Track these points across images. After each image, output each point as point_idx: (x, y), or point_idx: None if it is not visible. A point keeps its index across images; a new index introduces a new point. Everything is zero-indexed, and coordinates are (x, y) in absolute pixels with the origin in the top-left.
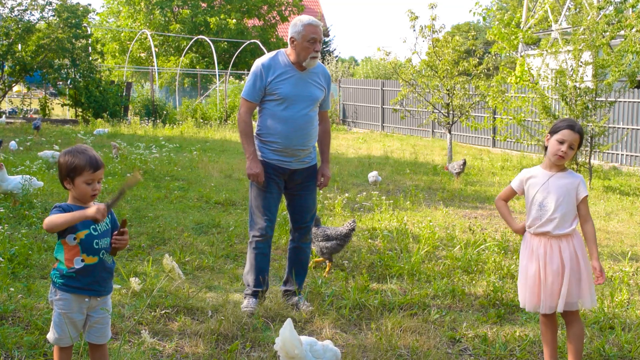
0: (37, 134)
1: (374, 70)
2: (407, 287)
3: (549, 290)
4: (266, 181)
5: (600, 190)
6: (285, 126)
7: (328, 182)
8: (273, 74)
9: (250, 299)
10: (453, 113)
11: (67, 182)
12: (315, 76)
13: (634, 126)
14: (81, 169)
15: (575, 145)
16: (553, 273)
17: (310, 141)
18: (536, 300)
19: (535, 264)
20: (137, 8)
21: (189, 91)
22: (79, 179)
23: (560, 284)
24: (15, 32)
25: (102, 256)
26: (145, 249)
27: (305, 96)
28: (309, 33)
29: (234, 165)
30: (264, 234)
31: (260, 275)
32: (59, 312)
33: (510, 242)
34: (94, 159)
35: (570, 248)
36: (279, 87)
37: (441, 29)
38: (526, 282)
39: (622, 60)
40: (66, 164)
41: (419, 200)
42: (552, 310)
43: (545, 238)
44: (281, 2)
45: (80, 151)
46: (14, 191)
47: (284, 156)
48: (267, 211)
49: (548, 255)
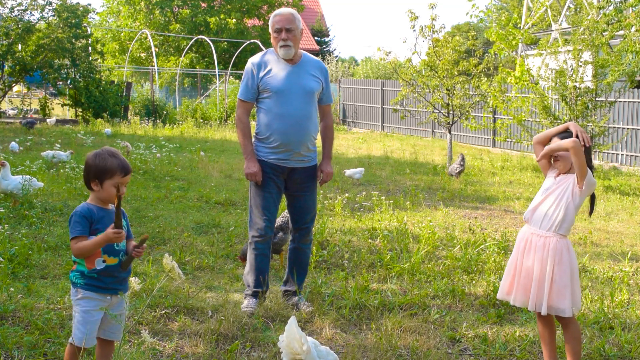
0: (31, 132)
1: (374, 70)
2: (407, 287)
3: (521, 284)
4: (265, 181)
5: (600, 190)
6: (282, 122)
7: (329, 179)
8: (264, 70)
9: (250, 299)
10: (453, 113)
11: (94, 183)
12: (310, 69)
13: (634, 126)
14: (112, 173)
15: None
16: (526, 269)
17: (308, 137)
18: (507, 289)
19: (515, 252)
20: (137, 8)
21: (189, 91)
22: (108, 181)
23: (531, 282)
24: (15, 32)
25: (121, 257)
26: (145, 249)
27: (299, 88)
28: (274, 23)
29: (234, 165)
30: (264, 234)
31: (261, 275)
32: (83, 310)
33: (510, 242)
34: (125, 163)
35: (545, 251)
36: (270, 82)
37: (441, 29)
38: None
39: (621, 60)
40: (97, 166)
41: (419, 200)
42: (523, 305)
43: (529, 232)
44: (281, 2)
45: (111, 154)
46: (14, 191)
47: (283, 153)
48: (266, 211)
49: (526, 251)
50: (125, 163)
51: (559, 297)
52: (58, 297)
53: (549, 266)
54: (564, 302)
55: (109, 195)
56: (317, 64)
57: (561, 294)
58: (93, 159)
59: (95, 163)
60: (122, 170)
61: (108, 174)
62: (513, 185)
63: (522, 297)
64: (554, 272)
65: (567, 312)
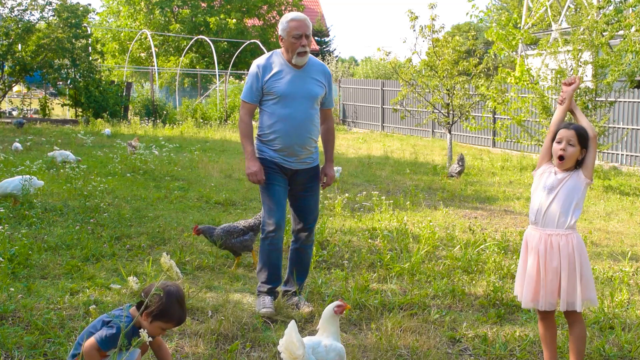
0: (20, 131)
1: (374, 70)
2: (407, 287)
3: (548, 288)
4: (272, 175)
5: (600, 190)
6: (285, 124)
7: (331, 182)
8: (269, 73)
9: (264, 297)
10: (453, 113)
11: (147, 315)
12: (314, 73)
13: (634, 126)
14: (169, 320)
15: (575, 140)
16: (553, 270)
17: (310, 140)
18: (532, 297)
19: (535, 257)
20: (137, 8)
21: (189, 91)
22: (160, 324)
23: (559, 282)
24: (15, 32)
25: None
26: (145, 249)
27: (303, 93)
28: (293, 29)
29: (234, 165)
30: (277, 228)
31: (275, 271)
32: None
33: (510, 242)
34: (184, 317)
35: (569, 248)
36: (275, 86)
37: (441, 28)
38: (524, 277)
39: (621, 60)
40: (162, 306)
41: (419, 200)
42: (552, 308)
43: (545, 234)
44: (281, 2)
45: (180, 303)
46: (14, 192)
47: (285, 155)
48: (278, 205)
49: (548, 253)
50: (184, 317)
51: (588, 289)
52: (58, 297)
53: (577, 261)
54: (592, 293)
55: (151, 332)
56: (321, 67)
57: (589, 284)
58: (168, 297)
59: (161, 302)
60: (178, 323)
61: (165, 318)
62: (513, 185)
63: (550, 299)
64: (581, 265)
65: (595, 300)
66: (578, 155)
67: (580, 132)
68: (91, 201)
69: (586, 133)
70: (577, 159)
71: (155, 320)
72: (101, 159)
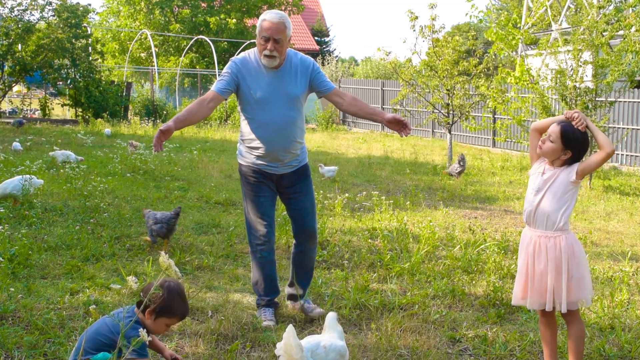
0: (19, 130)
1: (374, 70)
2: (407, 287)
3: (536, 288)
4: (257, 186)
5: (600, 190)
6: (265, 130)
7: (401, 120)
8: (244, 75)
9: (265, 309)
10: (453, 113)
11: (150, 313)
12: (293, 72)
13: (634, 126)
14: (172, 315)
15: (555, 137)
16: (539, 272)
17: (294, 143)
18: (521, 295)
19: (525, 256)
20: (137, 8)
21: (189, 91)
22: (164, 320)
23: (546, 284)
24: (15, 32)
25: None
26: (145, 249)
27: (281, 95)
28: (263, 29)
29: (234, 165)
30: (267, 240)
31: (271, 282)
32: None
33: (510, 242)
34: (187, 310)
35: (556, 250)
36: (251, 91)
37: (441, 29)
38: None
39: (621, 60)
40: (164, 302)
41: (419, 200)
42: (540, 307)
43: (535, 235)
44: (281, 2)
45: (182, 297)
46: (14, 192)
47: (269, 161)
48: (265, 216)
49: (536, 254)
50: (187, 310)
51: (579, 289)
52: (58, 297)
53: (564, 263)
54: (584, 293)
55: (156, 330)
56: (301, 63)
57: (580, 285)
58: (169, 293)
59: (163, 298)
60: (182, 317)
61: (169, 314)
62: (513, 185)
63: (538, 299)
64: (569, 267)
65: (589, 300)
66: (559, 154)
67: (565, 130)
68: (91, 201)
69: (572, 134)
70: (560, 158)
71: (159, 317)
72: (101, 159)
